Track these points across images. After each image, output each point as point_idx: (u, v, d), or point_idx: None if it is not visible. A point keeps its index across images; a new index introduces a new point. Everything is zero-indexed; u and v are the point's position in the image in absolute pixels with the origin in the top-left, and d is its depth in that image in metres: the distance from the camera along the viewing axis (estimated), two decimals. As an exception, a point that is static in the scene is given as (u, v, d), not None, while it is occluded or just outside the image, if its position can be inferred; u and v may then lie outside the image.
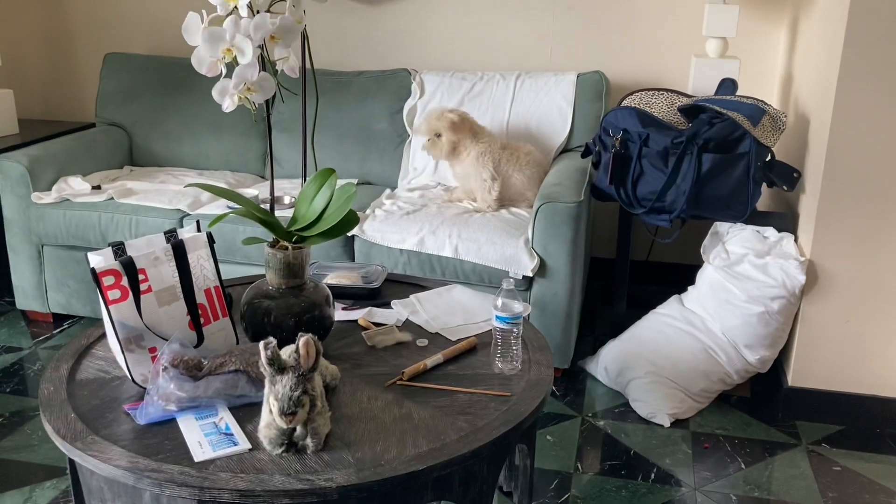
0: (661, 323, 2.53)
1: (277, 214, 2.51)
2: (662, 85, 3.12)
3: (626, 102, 2.66)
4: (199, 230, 1.63)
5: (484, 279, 2.53)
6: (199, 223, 1.67)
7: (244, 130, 3.21)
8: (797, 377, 2.41)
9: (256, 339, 1.61)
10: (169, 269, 1.54)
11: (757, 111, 2.41)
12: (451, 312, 1.92)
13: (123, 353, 1.50)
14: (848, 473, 2.18)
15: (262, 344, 1.30)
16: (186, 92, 3.24)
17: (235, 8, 1.45)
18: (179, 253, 1.55)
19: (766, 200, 2.88)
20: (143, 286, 1.50)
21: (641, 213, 2.52)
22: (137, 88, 3.30)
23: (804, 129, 2.50)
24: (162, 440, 1.37)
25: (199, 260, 1.58)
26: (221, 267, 2.37)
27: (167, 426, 1.41)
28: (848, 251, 2.28)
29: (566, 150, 2.98)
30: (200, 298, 1.58)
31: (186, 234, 1.60)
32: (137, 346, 1.51)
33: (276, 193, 2.70)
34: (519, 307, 1.61)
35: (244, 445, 1.35)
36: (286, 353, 1.34)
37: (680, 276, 3.07)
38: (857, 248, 2.27)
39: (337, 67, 3.32)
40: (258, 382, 1.47)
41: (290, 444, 1.34)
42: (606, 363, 2.57)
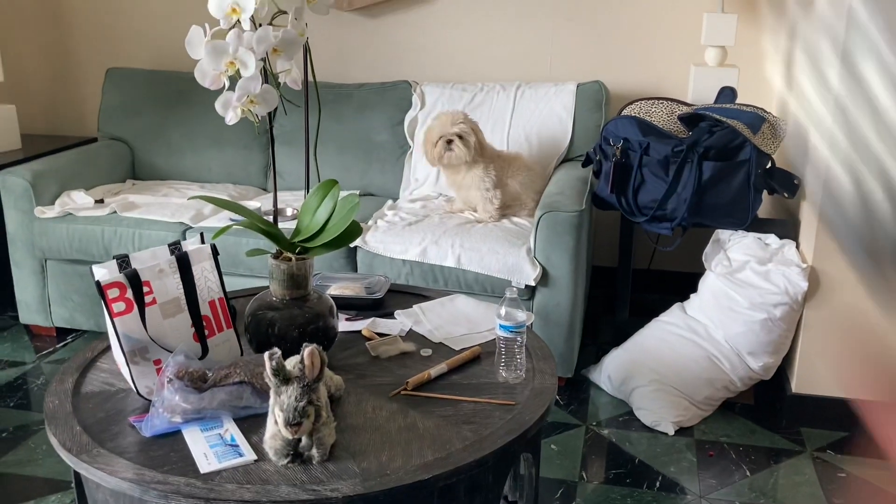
0: (663, 331, 2.54)
1: (280, 226, 2.51)
2: (662, 94, 3.13)
3: (626, 112, 2.67)
4: (203, 242, 1.64)
5: (486, 289, 2.53)
6: (202, 235, 1.67)
7: (246, 143, 3.22)
8: (801, 384, 2.41)
9: (261, 350, 1.61)
10: (173, 281, 1.54)
11: (757, 119, 2.42)
12: (454, 322, 1.92)
13: (128, 365, 1.50)
14: (853, 480, 2.18)
15: (266, 355, 1.30)
16: (188, 106, 3.25)
17: (238, 21, 1.47)
18: (184, 265, 1.55)
19: (766, 208, 2.89)
20: (147, 298, 1.51)
21: (643, 221, 2.52)
22: (139, 103, 3.32)
23: (804, 135, 2.51)
24: (168, 452, 1.37)
25: (203, 272, 1.59)
26: (225, 279, 2.37)
27: (173, 438, 1.41)
28: (850, 257, 2.29)
29: (567, 159, 2.99)
30: (205, 310, 1.59)
31: (190, 246, 1.61)
32: (142, 358, 1.51)
33: (278, 205, 2.71)
34: (522, 316, 1.61)
35: (250, 456, 1.36)
36: (291, 363, 1.35)
37: (682, 283, 3.06)
38: (858, 254, 2.28)
39: (338, 80, 3.34)
40: (263, 393, 1.48)
41: (295, 454, 1.34)
42: (610, 372, 2.57)
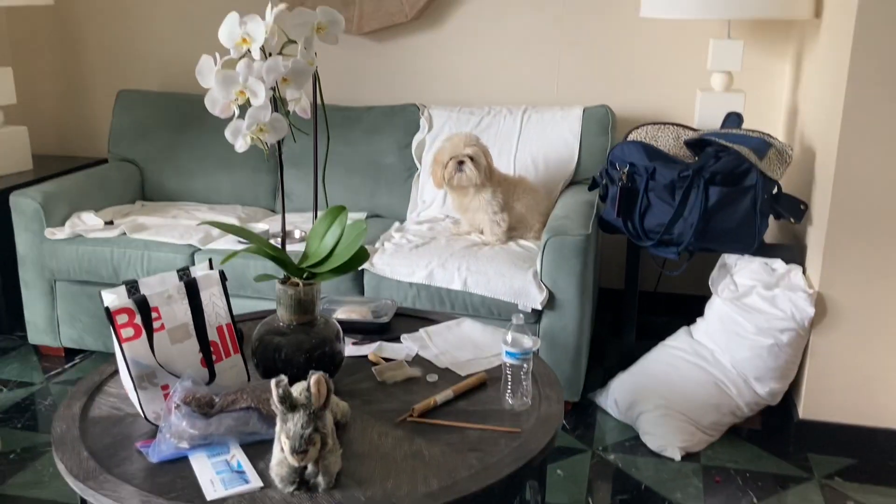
0: (670, 355, 2.53)
1: (288, 249, 2.53)
2: (668, 119, 3.15)
3: (632, 136, 2.68)
4: (211, 268, 1.65)
5: (493, 312, 2.54)
6: (211, 261, 1.68)
7: (255, 165, 3.24)
8: (808, 410, 2.40)
9: (267, 375, 1.62)
10: (182, 307, 1.55)
11: (763, 144, 2.43)
12: (460, 347, 1.92)
13: (136, 390, 1.51)
14: (861, 507, 2.16)
15: (273, 382, 1.31)
16: (198, 128, 3.28)
17: (248, 51, 1.49)
18: (192, 291, 1.57)
19: (773, 232, 2.89)
20: (156, 324, 1.52)
21: (649, 245, 2.53)
22: (149, 124, 3.35)
23: (810, 161, 2.51)
24: (174, 478, 1.38)
25: (211, 297, 1.60)
26: (232, 301, 2.38)
27: (179, 464, 1.42)
28: (857, 283, 2.29)
29: (573, 182, 3.00)
30: (213, 336, 1.60)
31: (199, 272, 1.62)
32: (150, 383, 1.52)
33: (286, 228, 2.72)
34: (529, 342, 1.61)
35: (256, 483, 1.36)
36: (297, 390, 1.35)
37: (688, 306, 3.06)
38: (866, 279, 2.28)
39: (346, 103, 3.36)
40: (269, 419, 1.48)
41: (301, 481, 1.35)
42: (616, 396, 2.56)
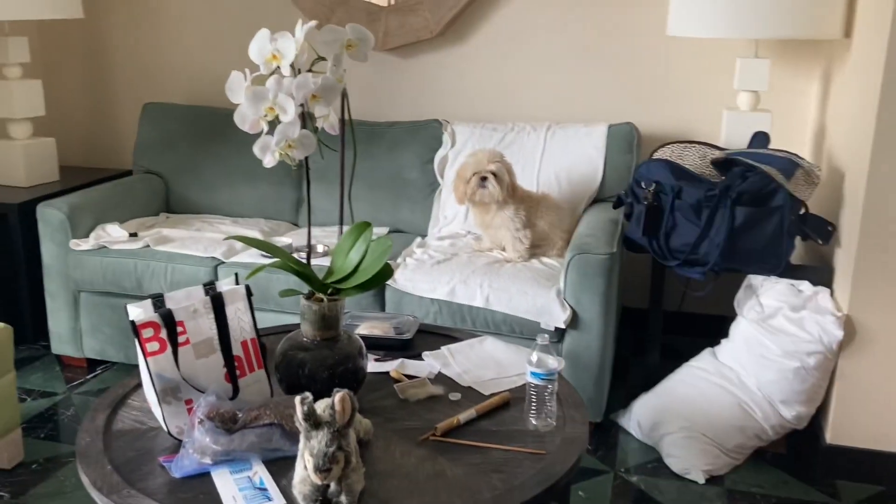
0: (694, 377, 2.50)
1: (312, 263, 2.53)
2: (694, 137, 3.12)
3: (658, 154, 2.67)
4: (237, 282, 1.65)
5: (515, 330, 2.52)
6: (237, 276, 1.69)
7: (279, 179, 3.26)
8: (836, 435, 2.36)
9: (291, 391, 1.62)
10: (207, 321, 1.56)
11: (790, 165, 2.41)
12: (483, 366, 1.91)
13: (160, 404, 1.51)
14: (890, 536, 2.12)
15: (298, 399, 1.30)
16: (222, 141, 3.30)
17: (278, 67, 1.49)
18: (218, 305, 1.57)
19: (799, 254, 2.85)
20: (181, 338, 1.52)
21: (675, 265, 2.51)
22: (175, 137, 3.37)
23: (838, 182, 2.49)
24: (196, 494, 1.37)
25: (236, 312, 1.60)
26: (256, 314, 2.38)
27: (202, 480, 1.41)
28: (887, 306, 2.25)
29: (597, 200, 2.99)
30: (237, 350, 1.60)
31: (225, 286, 1.62)
32: (174, 397, 1.52)
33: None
34: (554, 363, 1.60)
35: (278, 501, 1.35)
36: (321, 407, 1.34)
37: (713, 327, 3.03)
38: None
39: (370, 118, 3.37)
40: (292, 436, 1.47)
41: (324, 500, 1.34)
42: (639, 417, 2.53)
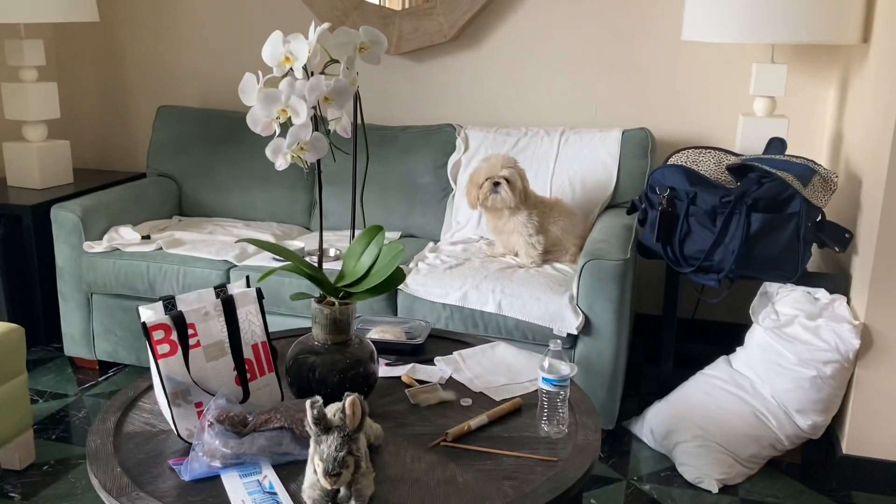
0: (708, 385, 2.48)
1: (324, 267, 2.53)
2: (709, 143, 3.10)
3: (672, 160, 2.65)
4: (248, 285, 1.64)
5: (527, 336, 2.50)
6: (248, 278, 1.68)
7: (291, 183, 3.26)
8: (852, 445, 2.33)
9: (301, 394, 1.61)
10: (218, 324, 1.55)
11: (807, 171, 2.38)
12: (495, 371, 1.89)
13: (170, 407, 1.50)
14: (908, 549, 2.09)
15: (308, 403, 1.29)
16: (235, 144, 3.31)
17: (291, 69, 1.49)
18: (229, 308, 1.56)
19: (816, 261, 2.83)
20: (191, 341, 1.51)
21: (689, 271, 2.48)
22: (188, 140, 3.38)
23: (856, 188, 2.46)
24: (206, 498, 1.37)
25: (247, 315, 1.59)
26: (267, 317, 2.39)
27: (211, 483, 1.41)
28: (904, 315, 2.22)
29: (611, 206, 2.97)
30: (248, 353, 1.59)
31: (236, 289, 1.62)
32: (184, 400, 1.51)
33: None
34: (566, 369, 1.58)
35: (288, 506, 1.34)
36: (331, 411, 1.33)
37: (727, 334, 3.00)
38: (913, 312, 2.21)
39: (383, 122, 3.37)
40: (302, 440, 1.47)
41: (333, 505, 1.33)
42: (652, 425, 2.51)
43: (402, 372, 1.87)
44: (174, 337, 1.49)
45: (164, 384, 1.49)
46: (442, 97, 3.36)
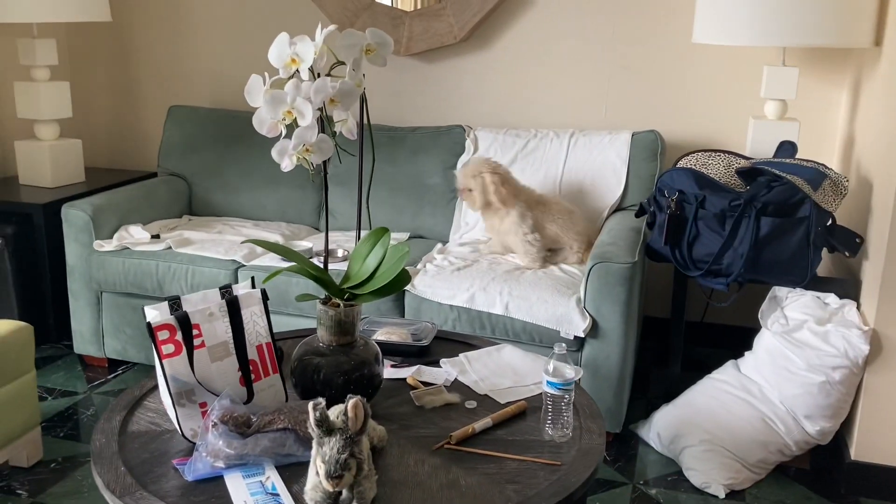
0: (716, 389, 2.46)
1: (330, 268, 2.53)
2: (719, 146, 3.09)
3: (682, 163, 2.63)
4: (253, 286, 1.65)
5: (534, 338, 2.50)
6: (253, 280, 1.68)
7: (300, 183, 3.26)
8: (861, 451, 2.31)
9: (306, 395, 1.61)
10: (223, 325, 1.55)
11: (817, 175, 2.37)
12: (500, 374, 1.89)
13: (175, 407, 1.51)
14: (916, 557, 2.07)
15: (310, 405, 1.30)
16: (245, 144, 3.31)
17: (297, 71, 1.49)
18: (234, 309, 1.56)
19: (826, 266, 2.81)
20: (196, 341, 1.52)
21: (697, 275, 2.47)
22: (199, 140, 3.39)
23: (867, 193, 2.44)
24: (209, 498, 1.37)
25: (252, 316, 1.59)
26: (273, 318, 2.39)
27: (214, 483, 1.41)
28: (914, 321, 2.20)
29: (620, 208, 2.96)
30: (252, 354, 1.59)
31: (241, 290, 1.62)
32: (188, 400, 1.52)
33: (329, 246, 2.72)
34: (571, 373, 1.58)
35: (290, 507, 1.34)
36: (334, 413, 1.33)
37: (736, 338, 2.99)
38: (924, 318, 2.19)
39: (393, 122, 3.37)
40: (306, 442, 1.47)
41: (335, 507, 1.33)
42: (659, 429, 2.50)
43: (407, 374, 1.87)
44: (179, 337, 1.50)
45: (168, 384, 1.50)
46: (451, 98, 3.36)
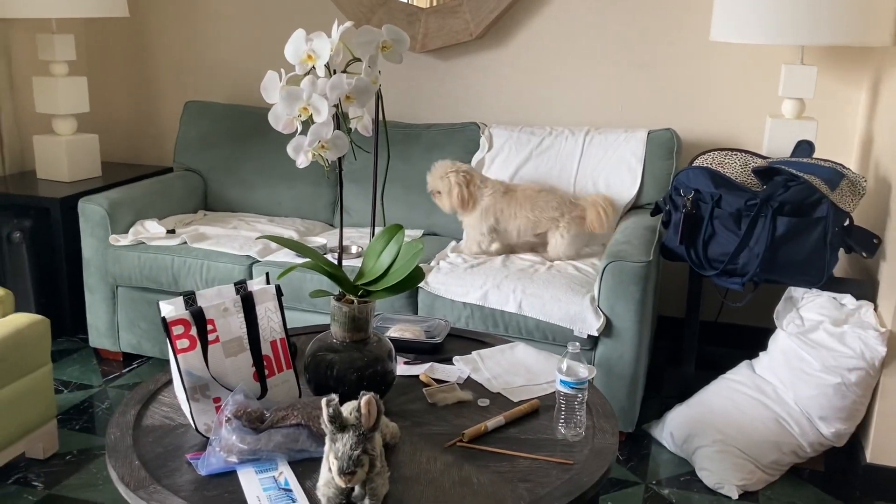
0: (730, 389, 2.45)
1: (344, 264, 2.54)
2: (735, 145, 3.07)
3: (698, 162, 2.62)
4: (268, 282, 1.65)
5: (548, 336, 2.49)
6: (268, 275, 1.69)
7: (315, 180, 3.27)
8: (876, 454, 2.29)
9: (319, 391, 1.61)
10: (237, 320, 1.56)
11: (835, 175, 2.35)
12: (513, 372, 1.89)
13: (189, 401, 1.51)
14: (932, 561, 2.05)
15: (324, 401, 1.30)
16: (261, 140, 3.32)
17: (313, 68, 1.49)
18: (248, 305, 1.57)
19: (843, 266, 2.78)
20: (210, 336, 1.53)
21: (712, 274, 2.46)
22: (214, 135, 3.41)
23: (885, 193, 2.42)
24: (222, 493, 1.38)
25: (266, 312, 1.60)
26: (287, 314, 2.40)
27: (227, 478, 1.42)
28: (932, 323, 2.18)
29: (635, 207, 2.95)
30: (266, 350, 1.60)
31: (256, 285, 1.63)
32: (202, 395, 1.52)
33: (343, 243, 2.73)
34: (585, 372, 1.57)
35: (302, 503, 1.35)
36: (347, 409, 1.34)
37: (750, 338, 2.97)
38: (942, 320, 2.17)
39: (407, 119, 3.37)
40: (319, 437, 1.47)
41: (348, 503, 1.33)
42: (672, 429, 2.49)
43: (420, 371, 1.87)
44: (193, 332, 1.51)
45: (182, 379, 1.51)
46: (467, 95, 3.35)
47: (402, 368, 1.88)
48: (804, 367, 2.30)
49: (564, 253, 2.76)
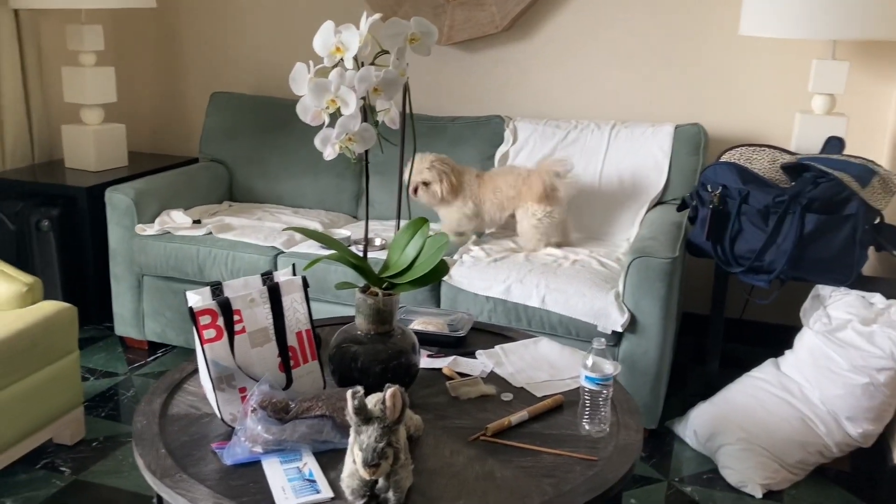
0: (755, 387, 2.43)
1: (368, 256, 2.54)
2: (764, 140, 3.03)
3: (725, 157, 2.59)
4: (294, 273, 1.66)
5: (571, 332, 2.48)
6: (294, 267, 1.70)
7: (340, 172, 3.27)
8: (904, 455, 2.27)
9: (343, 383, 1.62)
10: (263, 311, 1.57)
11: (866, 172, 2.31)
12: (536, 367, 1.88)
13: (215, 391, 1.53)
14: (959, 564, 2.02)
15: (349, 393, 1.30)
16: (286, 132, 3.34)
17: (341, 60, 1.49)
18: (275, 296, 1.58)
19: (872, 265, 2.74)
20: (237, 327, 1.53)
21: (739, 271, 2.44)
22: (240, 127, 3.42)
23: (917, 191, 2.38)
24: (247, 482, 1.39)
25: (292, 303, 1.61)
26: (312, 304, 2.41)
27: (252, 468, 1.43)
28: (964, 324, 2.14)
29: (661, 202, 2.92)
30: (292, 341, 1.60)
31: (282, 276, 1.63)
32: (228, 385, 1.53)
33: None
34: (610, 368, 1.57)
35: (326, 494, 1.35)
36: (372, 401, 1.34)
37: (776, 336, 2.94)
38: (974, 320, 2.13)
39: (432, 112, 3.36)
40: (343, 429, 1.47)
41: (372, 495, 1.33)
42: (696, 426, 2.47)
43: (443, 364, 1.87)
44: (220, 322, 1.51)
45: (209, 368, 1.52)
46: (492, 88, 3.34)
47: (425, 361, 1.88)
48: (831, 366, 2.27)
49: (530, 241, 2.76)
